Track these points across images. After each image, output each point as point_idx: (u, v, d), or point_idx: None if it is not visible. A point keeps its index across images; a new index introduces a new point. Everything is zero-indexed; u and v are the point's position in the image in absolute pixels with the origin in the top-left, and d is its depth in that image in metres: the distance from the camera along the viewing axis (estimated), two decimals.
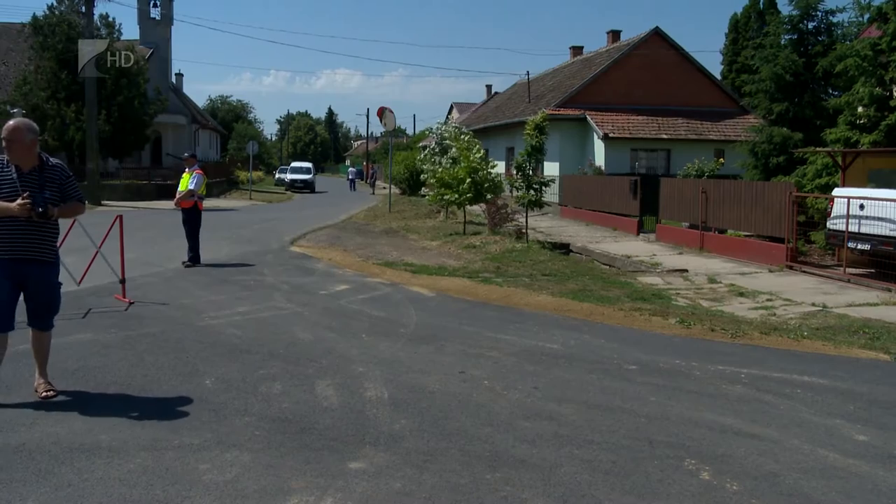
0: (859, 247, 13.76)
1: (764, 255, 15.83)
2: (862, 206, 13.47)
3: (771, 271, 14.90)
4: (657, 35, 33.01)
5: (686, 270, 14.97)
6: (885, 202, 13.07)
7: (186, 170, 14.42)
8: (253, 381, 6.77)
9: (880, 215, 13.05)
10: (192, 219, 14.03)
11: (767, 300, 11.99)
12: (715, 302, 11.86)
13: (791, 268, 14.98)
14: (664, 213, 20.76)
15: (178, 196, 14.30)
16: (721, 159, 25.84)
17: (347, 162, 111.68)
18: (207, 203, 18.77)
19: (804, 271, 14.74)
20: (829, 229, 14.58)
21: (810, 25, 20.82)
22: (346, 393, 6.55)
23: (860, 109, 16.96)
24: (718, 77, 39.61)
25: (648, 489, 4.74)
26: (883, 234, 13.04)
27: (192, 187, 14.05)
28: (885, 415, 6.47)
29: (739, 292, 12.64)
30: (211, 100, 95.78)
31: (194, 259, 13.97)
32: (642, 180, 22.75)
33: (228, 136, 77.46)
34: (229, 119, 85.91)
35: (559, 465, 5.06)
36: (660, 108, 31.78)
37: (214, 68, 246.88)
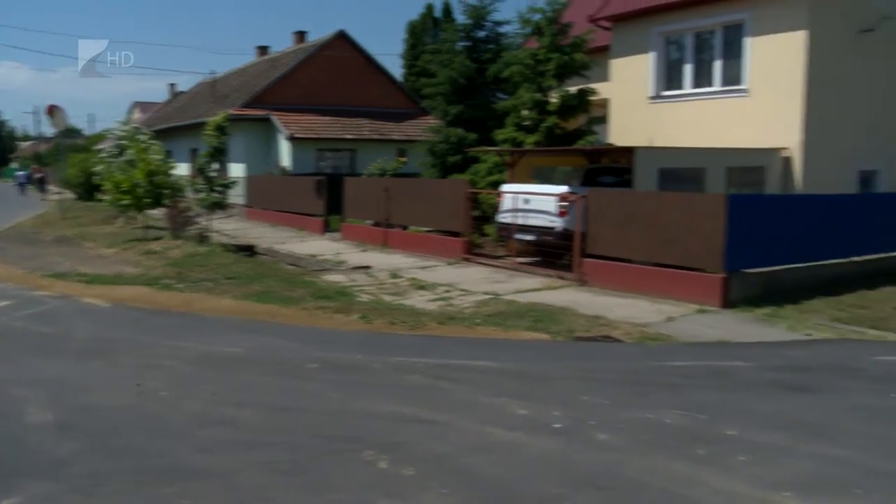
0: (525, 238, 14.92)
1: (443, 249, 16.64)
2: (527, 201, 14.60)
3: (449, 264, 15.69)
4: (342, 37, 33.47)
5: (370, 267, 15.31)
6: (545, 196, 14.28)
7: None
8: None
9: (542, 209, 14.23)
10: None
11: (445, 291, 12.59)
12: (397, 296, 12.22)
13: (467, 260, 15.88)
14: (349, 212, 21.07)
15: None
16: (403, 158, 26.81)
17: (14, 164, 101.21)
18: None
19: (479, 262, 15.69)
20: (499, 222, 15.65)
21: (481, 34, 22.29)
22: (2, 421, 5.85)
23: (524, 112, 18.43)
24: (400, 80, 41.09)
25: (326, 484, 4.73)
26: (544, 225, 14.24)
27: None
28: (541, 389, 7.04)
29: (420, 285, 13.15)
30: None
31: None
32: (328, 180, 22.91)
33: None
34: None
35: (238, 471, 4.90)
36: (345, 108, 32.26)
37: None
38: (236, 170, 29.71)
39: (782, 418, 6.24)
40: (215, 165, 19.63)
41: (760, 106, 16.47)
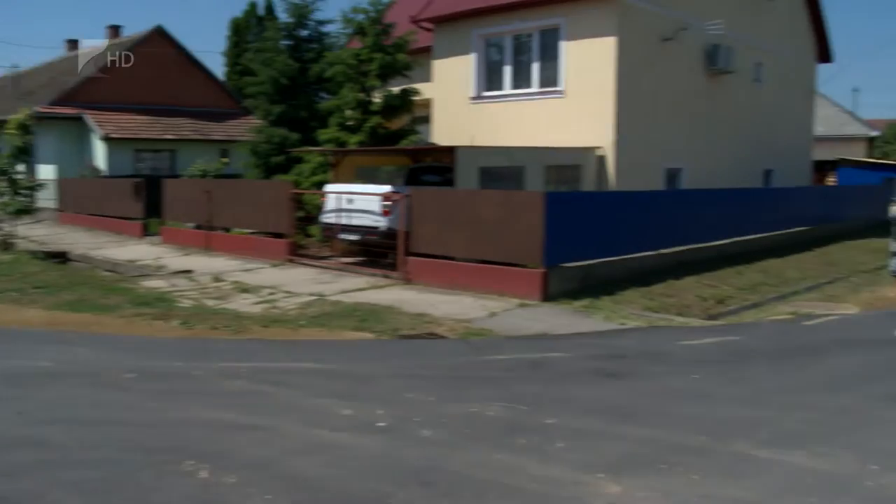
0: (350, 238, 14.81)
1: (268, 251, 16.25)
2: (351, 201, 14.50)
3: (274, 266, 15.34)
4: (160, 33, 32.02)
5: (192, 271, 14.71)
6: (369, 196, 14.23)
7: None
8: None
9: (366, 208, 14.17)
10: None
11: (270, 294, 12.28)
12: (220, 300, 11.81)
13: (292, 261, 15.58)
14: (169, 215, 20.19)
15: None
16: (225, 159, 26.06)
17: None
18: None
19: (304, 264, 15.43)
20: (324, 223, 15.46)
21: (304, 33, 21.96)
22: None
23: (348, 112, 18.33)
24: (223, 79, 39.91)
25: (142, 500, 4.44)
26: (369, 224, 14.18)
27: None
28: (366, 388, 6.96)
29: (243, 289, 12.76)
30: None
31: None
32: (147, 182, 21.86)
33: None
34: None
35: (43, 495, 4.49)
36: (165, 107, 30.93)
37: None
38: (46, 172, 27.80)
39: (597, 404, 6.48)
40: (20, 167, 18.26)
41: (576, 107, 17.17)
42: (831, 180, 33.25)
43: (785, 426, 5.82)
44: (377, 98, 18.20)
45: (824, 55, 27.27)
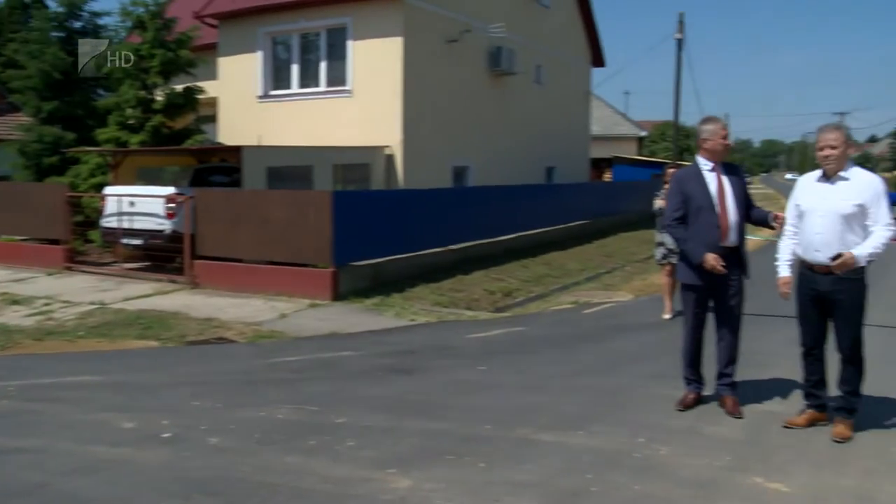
0: (133, 242, 14.17)
1: (42, 259, 15.20)
2: (133, 203, 13.89)
3: (50, 274, 14.39)
4: None
5: None
6: (152, 198, 13.69)
7: None
8: None
9: (149, 211, 13.63)
10: None
11: (45, 305, 11.54)
12: None
13: (70, 269, 14.69)
14: None
15: None
16: None
17: None
18: None
19: (84, 271, 14.60)
20: (104, 227, 14.71)
21: (78, 25, 20.62)
22: None
23: (129, 111, 17.45)
24: None
25: None
26: (153, 228, 13.65)
27: None
28: (149, 399, 6.74)
29: (14, 300, 11.89)
30: None
31: None
32: None
33: None
34: None
35: None
36: None
37: None
38: None
39: (388, 401, 6.62)
40: None
41: (364, 106, 17.36)
42: (608, 177, 35.70)
43: (565, 409, 6.17)
44: (160, 96, 17.49)
45: (598, 60, 29.22)
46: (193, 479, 4.88)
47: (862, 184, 5.20)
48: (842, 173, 5.25)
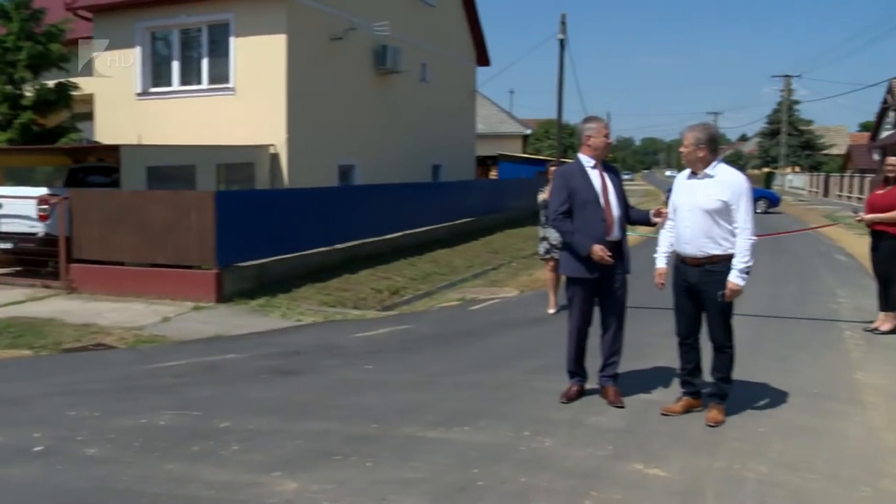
0: (2, 246, 13.50)
1: None
2: (0, 205, 13.24)
3: None
4: None
5: None
6: (22, 200, 13.08)
7: None
8: None
9: (19, 213, 13.01)
10: None
11: None
12: None
13: None
14: None
15: None
16: None
17: None
18: None
19: None
20: None
21: None
22: None
23: None
24: None
25: None
26: (24, 231, 13.05)
27: None
28: (20, 411, 6.43)
29: None
30: None
31: None
32: None
33: None
34: None
35: None
36: None
37: None
38: None
39: (273, 403, 6.54)
40: None
41: (248, 104, 17.07)
42: (493, 174, 36.19)
43: (451, 406, 6.23)
44: (29, 92, 16.73)
45: (483, 59, 29.60)
46: (70, 492, 4.70)
47: (726, 181, 5.50)
48: (707, 171, 5.53)
